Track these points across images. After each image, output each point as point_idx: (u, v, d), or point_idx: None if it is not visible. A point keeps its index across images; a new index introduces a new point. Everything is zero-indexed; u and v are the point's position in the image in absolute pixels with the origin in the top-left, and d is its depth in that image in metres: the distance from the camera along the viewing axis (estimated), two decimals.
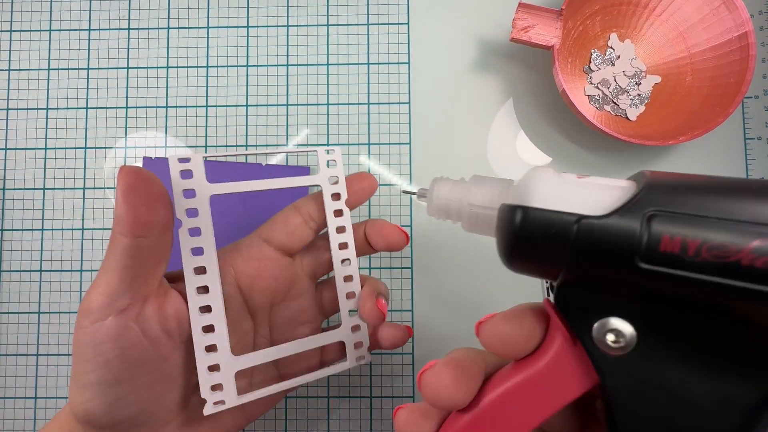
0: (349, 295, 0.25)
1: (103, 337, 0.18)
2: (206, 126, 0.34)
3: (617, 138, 0.30)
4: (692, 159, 0.34)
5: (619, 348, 0.13)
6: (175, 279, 0.23)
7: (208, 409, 0.21)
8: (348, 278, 0.25)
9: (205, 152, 0.34)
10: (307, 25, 0.35)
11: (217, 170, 0.33)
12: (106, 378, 0.19)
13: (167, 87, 0.34)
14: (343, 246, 0.25)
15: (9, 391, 0.33)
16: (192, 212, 0.22)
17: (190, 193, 0.22)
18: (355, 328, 0.25)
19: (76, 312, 0.33)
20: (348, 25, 0.35)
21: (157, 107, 0.34)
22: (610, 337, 0.12)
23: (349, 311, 0.25)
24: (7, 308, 0.33)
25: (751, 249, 0.10)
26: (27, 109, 0.34)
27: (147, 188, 0.19)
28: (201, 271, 0.22)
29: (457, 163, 0.34)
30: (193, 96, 0.34)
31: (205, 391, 0.21)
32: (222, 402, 0.22)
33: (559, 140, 0.34)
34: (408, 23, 0.35)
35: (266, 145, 0.34)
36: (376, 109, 0.34)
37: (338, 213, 0.25)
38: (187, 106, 0.34)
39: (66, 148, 0.34)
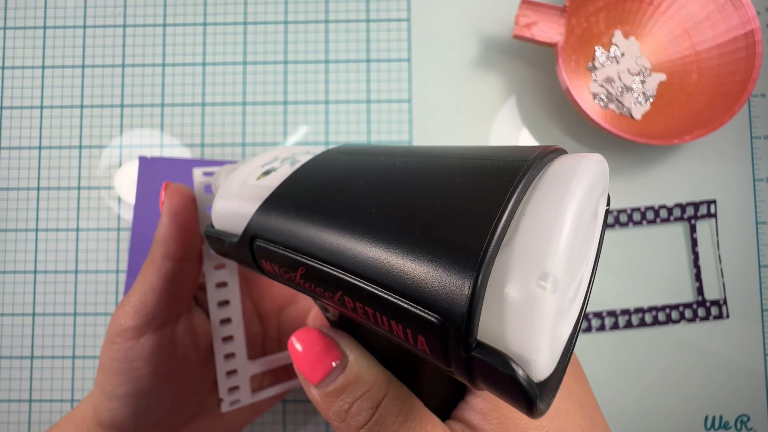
0: None
1: (137, 355, 0.19)
2: (203, 124, 0.34)
3: (622, 137, 0.29)
4: (698, 158, 0.33)
5: (331, 316, 0.16)
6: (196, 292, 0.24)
7: (225, 407, 0.23)
8: None
9: (201, 149, 0.33)
10: (306, 22, 0.34)
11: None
12: (136, 390, 0.19)
13: (163, 85, 0.34)
14: None
15: (3, 394, 0.32)
16: None
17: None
18: None
19: (70, 313, 0.33)
20: (347, 21, 0.34)
21: (152, 105, 0.34)
22: (324, 311, 0.17)
23: None
24: (1, 310, 0.33)
25: (299, 274, 0.13)
26: (21, 107, 0.34)
27: (192, 210, 0.19)
28: (222, 284, 0.23)
29: None
30: (189, 94, 0.34)
31: (223, 393, 0.23)
32: (238, 401, 0.24)
33: (563, 139, 0.33)
34: (408, 20, 0.34)
35: (264, 144, 0.33)
36: (376, 107, 0.34)
37: None
38: (183, 104, 0.34)
39: (61, 147, 0.34)
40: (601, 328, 0.32)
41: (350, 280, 0.11)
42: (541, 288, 0.09)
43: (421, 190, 0.11)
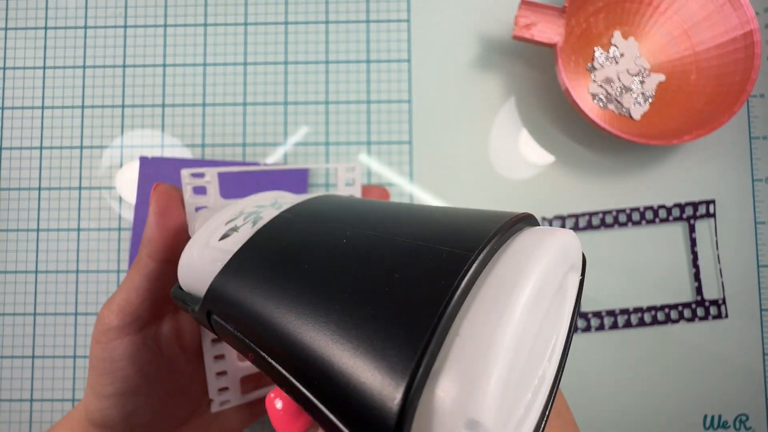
0: None
1: (122, 354, 0.19)
2: (203, 125, 0.34)
3: (621, 137, 0.29)
4: (697, 158, 0.33)
5: None
6: None
7: (215, 408, 0.23)
8: None
9: (202, 149, 0.33)
10: (306, 23, 0.34)
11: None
12: (124, 390, 0.19)
13: (164, 85, 0.34)
14: None
15: (5, 393, 0.32)
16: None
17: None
18: None
19: (71, 313, 0.33)
20: (348, 22, 0.34)
21: (153, 106, 0.34)
22: None
23: None
24: (2, 309, 0.33)
25: (251, 358, 0.13)
26: (22, 108, 0.34)
27: (179, 211, 0.19)
28: None
29: (458, 163, 0.33)
30: (190, 94, 0.34)
31: (213, 393, 0.23)
32: (228, 401, 0.23)
33: (562, 139, 0.34)
34: (408, 20, 0.34)
35: (264, 144, 0.34)
36: (376, 107, 0.34)
37: None
38: (184, 105, 0.34)
39: (62, 148, 0.34)
40: (601, 327, 0.32)
41: (293, 382, 0.11)
42: None
43: (360, 284, 0.11)
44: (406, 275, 0.10)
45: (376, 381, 0.09)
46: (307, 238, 0.14)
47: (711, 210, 0.33)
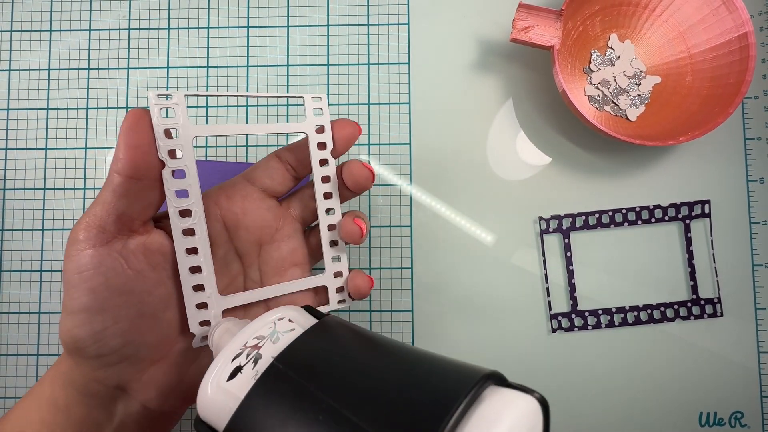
0: (332, 243, 0.26)
1: (87, 264, 0.19)
2: (207, 116, 0.34)
3: (617, 138, 0.30)
4: (692, 159, 0.34)
5: None
6: (162, 219, 0.23)
7: (196, 343, 0.23)
8: (332, 227, 0.26)
9: (205, 150, 0.34)
10: (308, 26, 0.35)
11: (213, 169, 0.33)
12: (91, 305, 0.20)
13: (167, 87, 0.34)
14: (327, 195, 0.25)
15: (9, 391, 0.33)
16: (175, 153, 0.21)
17: (172, 133, 0.21)
18: (337, 274, 0.26)
19: None
20: (348, 25, 0.35)
21: None
22: None
23: (332, 258, 0.26)
24: (7, 308, 0.33)
25: None
26: (27, 109, 0.35)
27: (147, 130, 0.20)
28: (186, 213, 0.22)
29: (457, 164, 0.34)
30: (192, 96, 0.34)
31: (193, 327, 0.22)
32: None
33: (559, 140, 0.34)
34: (408, 23, 0.35)
35: (266, 145, 0.34)
36: (377, 109, 0.34)
37: (323, 162, 0.25)
38: (187, 106, 0.34)
39: (66, 149, 0.34)
40: (597, 325, 0.33)
41: None
42: None
43: None
44: None
45: None
46: (292, 407, 0.16)
47: (706, 210, 0.33)
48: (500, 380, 0.15)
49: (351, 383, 0.16)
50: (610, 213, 0.33)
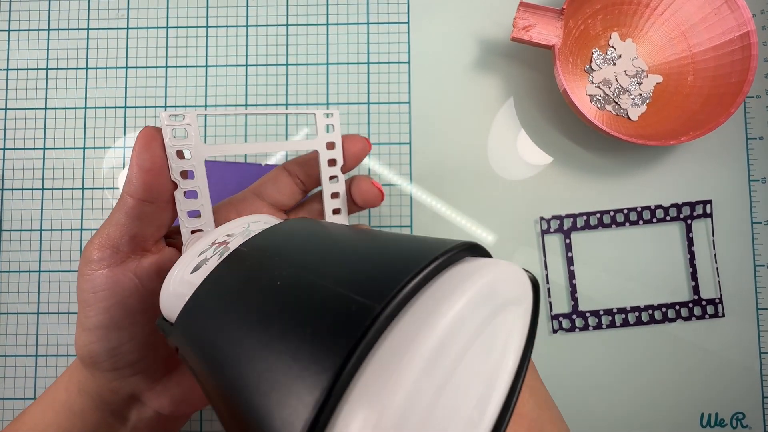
0: None
1: (103, 284, 0.20)
2: (205, 126, 0.34)
3: (618, 138, 0.30)
4: (694, 159, 0.34)
5: None
6: (173, 234, 0.23)
7: None
8: None
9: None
10: (307, 24, 0.35)
11: (216, 170, 0.33)
12: (107, 323, 0.20)
13: (166, 87, 0.34)
14: (336, 211, 0.25)
15: (8, 392, 0.33)
16: (187, 174, 0.21)
17: (185, 154, 0.21)
18: None
19: (75, 313, 0.33)
20: (348, 24, 0.35)
21: (156, 107, 0.34)
22: None
23: None
24: (6, 309, 0.33)
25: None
26: (25, 108, 0.34)
27: (159, 152, 0.20)
28: (198, 231, 0.22)
29: (458, 163, 0.34)
30: (192, 96, 0.34)
31: None
32: None
33: (560, 140, 0.34)
34: (408, 22, 0.35)
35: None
36: (376, 108, 0.34)
37: (333, 177, 0.25)
38: (186, 106, 0.34)
39: (65, 148, 0.34)
40: (598, 326, 0.33)
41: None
42: None
43: (282, 334, 0.12)
44: (316, 328, 0.11)
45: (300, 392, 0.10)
46: (250, 278, 0.14)
47: (708, 210, 0.33)
48: (483, 254, 0.14)
49: (316, 252, 0.15)
50: (612, 213, 0.33)
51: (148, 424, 0.23)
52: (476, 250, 0.13)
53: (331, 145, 0.25)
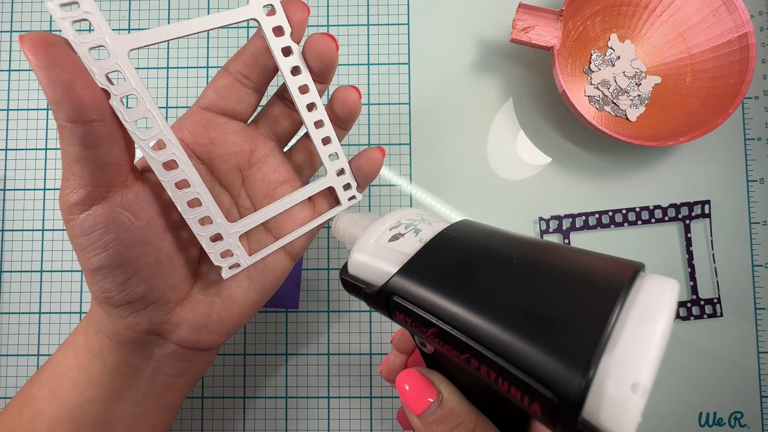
0: (325, 141, 0.24)
1: (95, 225, 0.18)
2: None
3: (617, 139, 0.30)
4: (692, 159, 0.34)
5: (427, 350, 0.19)
6: (146, 169, 0.22)
7: (226, 274, 0.22)
8: (319, 123, 0.23)
9: None
10: (307, 26, 0.35)
11: None
12: (108, 262, 0.19)
13: (167, 87, 0.34)
14: (303, 89, 0.22)
15: (10, 392, 0.33)
16: (115, 76, 0.18)
17: (100, 52, 0.18)
18: (340, 172, 0.25)
19: (76, 312, 0.33)
20: (348, 25, 0.35)
21: (157, 107, 0.34)
22: (421, 346, 0.19)
23: (329, 155, 0.24)
24: (7, 309, 0.33)
25: (430, 332, 0.16)
26: (27, 109, 0.35)
27: (71, 57, 0.16)
28: (160, 145, 0.19)
29: (457, 164, 0.34)
30: (193, 97, 0.34)
31: (216, 260, 0.21)
32: (237, 265, 0.22)
33: (559, 141, 0.34)
34: (408, 24, 0.35)
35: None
36: (376, 109, 0.34)
37: (287, 51, 0.21)
38: (187, 107, 0.34)
39: None
40: None
41: (482, 351, 0.14)
42: (634, 392, 0.12)
43: (540, 294, 0.15)
44: (576, 291, 0.14)
45: (573, 350, 0.13)
46: (481, 252, 0.17)
47: (706, 210, 0.33)
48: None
49: (531, 249, 0.17)
50: (610, 213, 0.33)
51: (171, 362, 0.22)
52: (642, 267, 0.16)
53: (272, 12, 0.21)
